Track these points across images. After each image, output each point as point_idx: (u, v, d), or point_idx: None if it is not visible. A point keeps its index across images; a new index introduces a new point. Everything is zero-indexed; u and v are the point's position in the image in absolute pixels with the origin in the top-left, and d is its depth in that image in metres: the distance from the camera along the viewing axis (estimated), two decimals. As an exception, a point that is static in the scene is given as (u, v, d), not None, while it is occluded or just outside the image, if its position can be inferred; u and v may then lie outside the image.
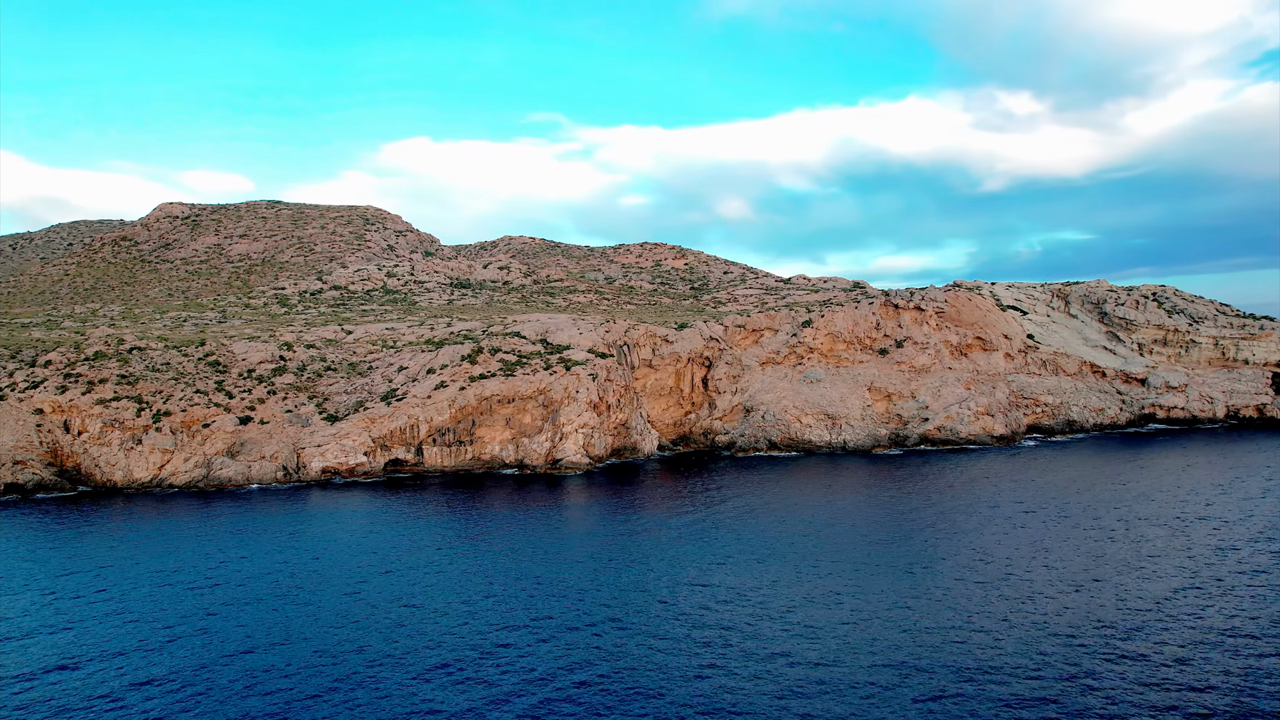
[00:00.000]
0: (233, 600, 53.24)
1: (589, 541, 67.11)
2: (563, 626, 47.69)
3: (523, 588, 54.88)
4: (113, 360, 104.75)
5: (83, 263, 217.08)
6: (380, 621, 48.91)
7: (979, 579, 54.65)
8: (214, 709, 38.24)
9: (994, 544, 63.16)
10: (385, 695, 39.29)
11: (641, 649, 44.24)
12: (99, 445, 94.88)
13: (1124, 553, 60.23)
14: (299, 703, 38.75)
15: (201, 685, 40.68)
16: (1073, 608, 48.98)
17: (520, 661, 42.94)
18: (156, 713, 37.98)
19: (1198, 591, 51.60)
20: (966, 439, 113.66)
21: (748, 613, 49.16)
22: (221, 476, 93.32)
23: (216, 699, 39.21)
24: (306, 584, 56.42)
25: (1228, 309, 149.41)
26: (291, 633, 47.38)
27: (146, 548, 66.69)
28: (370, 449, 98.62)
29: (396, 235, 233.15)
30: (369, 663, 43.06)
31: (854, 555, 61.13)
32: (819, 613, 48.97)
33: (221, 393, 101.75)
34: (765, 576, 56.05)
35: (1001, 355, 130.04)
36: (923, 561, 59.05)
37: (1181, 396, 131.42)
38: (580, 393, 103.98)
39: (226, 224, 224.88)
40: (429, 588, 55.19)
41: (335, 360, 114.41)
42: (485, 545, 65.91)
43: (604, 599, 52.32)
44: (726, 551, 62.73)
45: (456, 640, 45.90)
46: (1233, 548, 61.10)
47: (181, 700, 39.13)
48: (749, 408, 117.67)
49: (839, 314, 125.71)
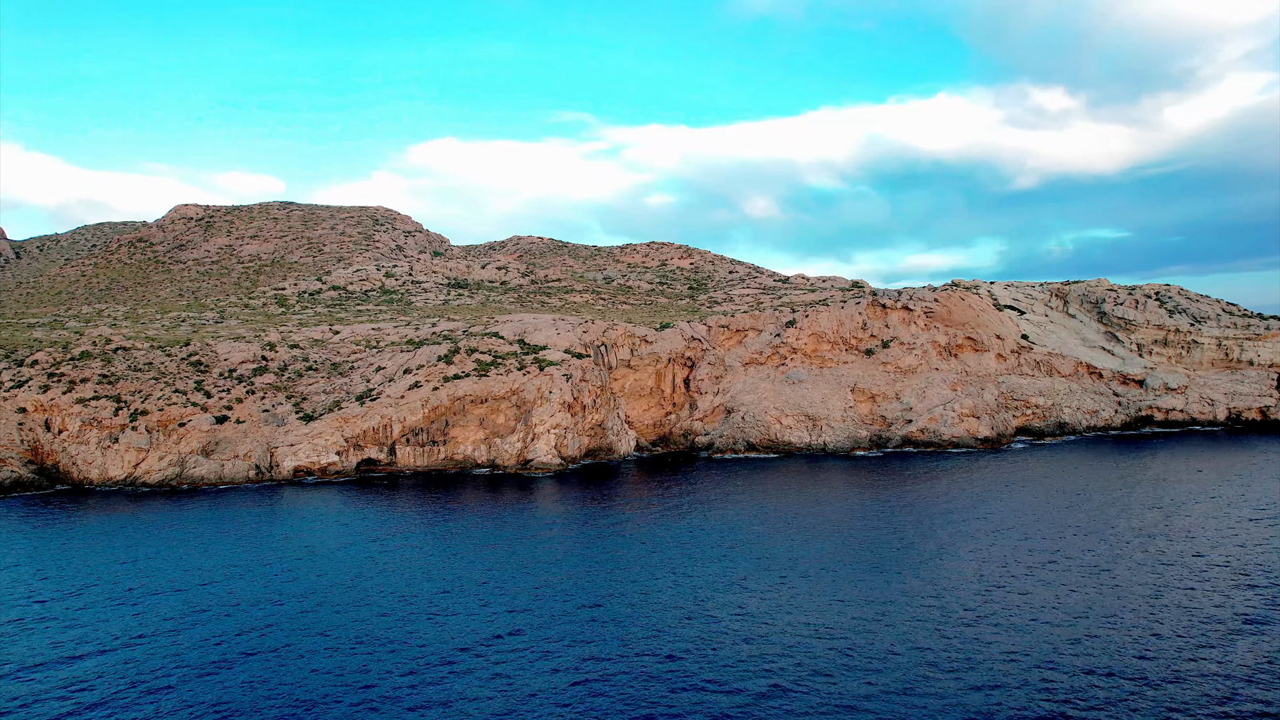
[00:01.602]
0: (125, 631, 53.86)
1: (511, 547, 66.97)
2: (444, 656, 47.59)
3: (423, 607, 54.86)
4: (97, 360, 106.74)
5: (99, 264, 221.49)
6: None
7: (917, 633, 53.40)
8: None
9: (945, 574, 58.32)
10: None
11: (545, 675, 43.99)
12: (77, 444, 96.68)
13: (1087, 595, 58.00)
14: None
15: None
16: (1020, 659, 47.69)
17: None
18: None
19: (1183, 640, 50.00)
20: (950, 441, 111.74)
21: (627, 639, 48.64)
22: (194, 475, 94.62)
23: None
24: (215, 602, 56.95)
25: (1235, 308, 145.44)
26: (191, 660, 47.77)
27: (78, 551, 67.78)
28: (342, 449, 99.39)
29: (405, 235, 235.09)
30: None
31: (789, 579, 60.24)
32: (747, 647, 48.32)
33: (200, 392, 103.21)
34: (687, 595, 55.48)
35: (993, 356, 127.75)
36: (866, 598, 57.93)
37: (1180, 398, 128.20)
38: (553, 393, 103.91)
39: (239, 225, 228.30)
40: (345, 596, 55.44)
41: (318, 360, 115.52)
42: (407, 552, 66.07)
43: (510, 615, 52.15)
44: (664, 568, 62.18)
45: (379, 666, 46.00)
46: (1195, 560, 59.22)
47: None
48: (730, 408, 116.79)
49: (823, 314, 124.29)
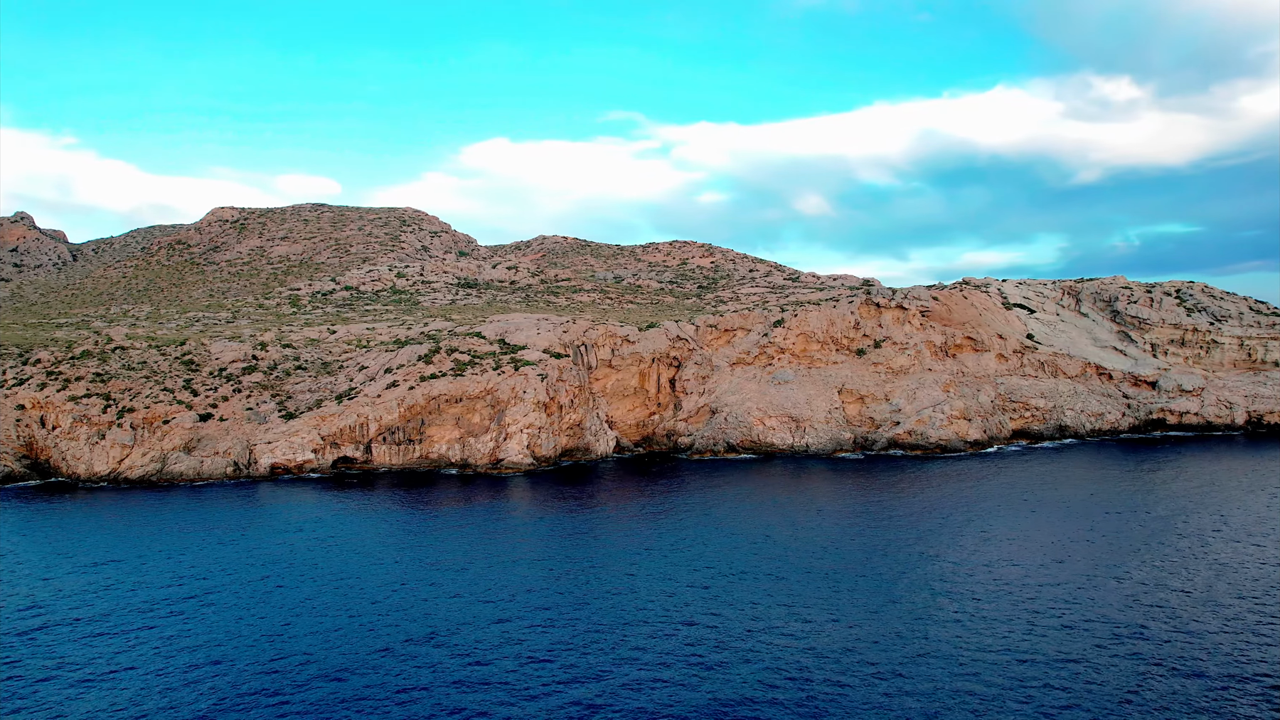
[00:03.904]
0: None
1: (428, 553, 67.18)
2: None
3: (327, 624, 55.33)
4: (94, 359, 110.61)
5: (140, 265, 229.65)
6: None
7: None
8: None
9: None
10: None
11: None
12: (68, 440, 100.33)
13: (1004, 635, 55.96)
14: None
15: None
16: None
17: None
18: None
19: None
20: (937, 444, 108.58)
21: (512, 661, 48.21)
22: (174, 471, 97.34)
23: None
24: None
25: (1264, 307, 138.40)
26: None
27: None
28: (319, 446, 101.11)
29: (431, 236, 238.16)
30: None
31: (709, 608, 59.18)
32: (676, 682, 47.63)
33: (188, 390, 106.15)
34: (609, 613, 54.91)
35: (993, 356, 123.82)
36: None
37: (1195, 401, 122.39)
38: (527, 393, 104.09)
39: (270, 227, 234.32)
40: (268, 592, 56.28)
41: (309, 360, 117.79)
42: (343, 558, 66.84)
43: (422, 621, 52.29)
44: (594, 584, 61.72)
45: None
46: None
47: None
48: (715, 409, 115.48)
49: (813, 314, 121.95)
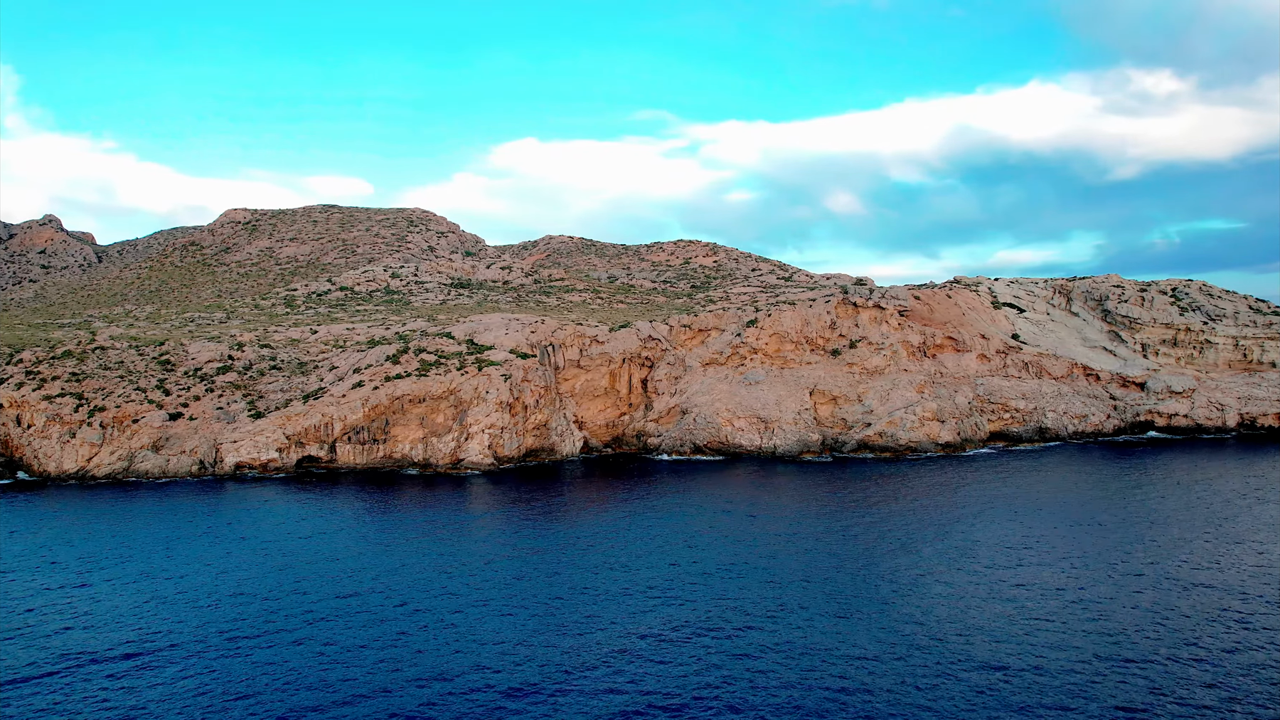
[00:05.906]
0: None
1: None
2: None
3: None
4: (73, 359, 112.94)
5: (154, 266, 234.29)
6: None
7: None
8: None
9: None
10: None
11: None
12: (41, 438, 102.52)
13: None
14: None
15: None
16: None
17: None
18: None
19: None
20: (907, 446, 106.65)
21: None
22: (140, 469, 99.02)
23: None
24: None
25: (1264, 306, 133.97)
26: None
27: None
28: (284, 446, 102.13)
29: (439, 236, 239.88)
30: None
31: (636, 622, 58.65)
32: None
33: (160, 390, 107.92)
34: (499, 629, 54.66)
35: (974, 356, 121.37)
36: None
37: (1185, 403, 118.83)
38: (490, 393, 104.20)
39: (280, 228, 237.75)
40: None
41: (286, 360, 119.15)
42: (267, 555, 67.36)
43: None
44: (498, 592, 61.53)
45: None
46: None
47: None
48: (685, 409, 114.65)
49: (787, 313, 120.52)
